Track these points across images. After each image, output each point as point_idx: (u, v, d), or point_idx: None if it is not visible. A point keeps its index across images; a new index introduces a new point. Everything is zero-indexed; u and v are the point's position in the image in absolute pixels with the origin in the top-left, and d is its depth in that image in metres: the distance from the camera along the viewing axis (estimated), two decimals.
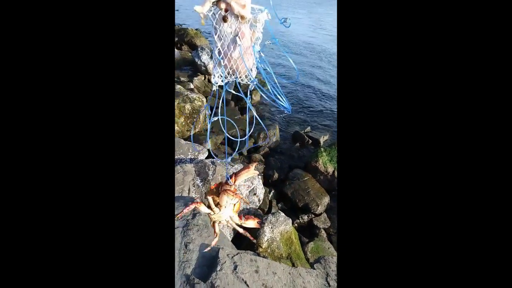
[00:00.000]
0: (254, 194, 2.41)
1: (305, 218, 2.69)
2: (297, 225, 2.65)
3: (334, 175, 2.98)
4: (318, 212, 2.72)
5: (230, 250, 1.37)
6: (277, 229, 2.11)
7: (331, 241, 2.46)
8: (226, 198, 1.03)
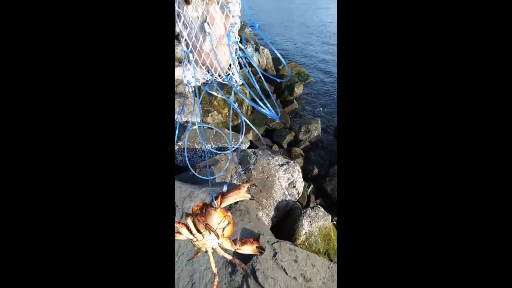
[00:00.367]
0: (294, 187, 2.41)
1: None
2: (335, 222, 2.58)
3: None
4: None
5: (270, 237, 1.41)
6: (315, 223, 2.09)
7: None
8: (216, 219, 0.82)
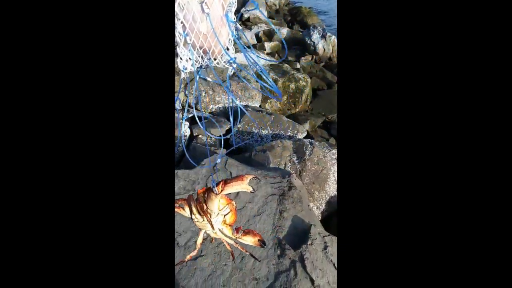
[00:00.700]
0: None
1: None
2: None
3: None
4: None
5: (321, 230, 1.38)
6: None
7: None
8: (216, 205, 0.82)
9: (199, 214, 0.83)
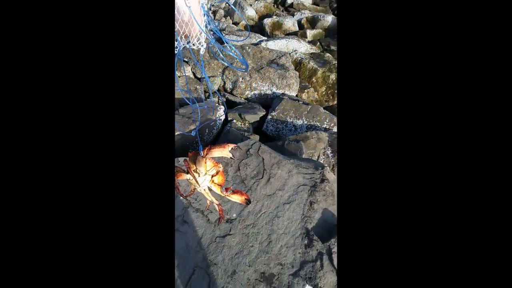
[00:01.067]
0: None
1: None
2: None
3: None
4: None
5: None
6: None
7: None
8: (200, 168, 0.96)
9: (194, 173, 0.97)
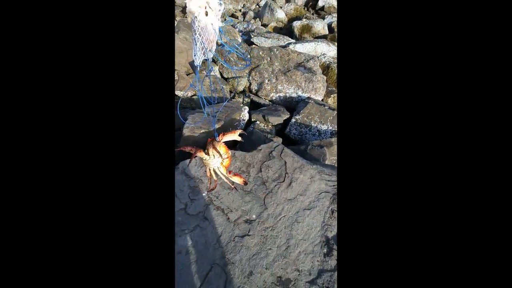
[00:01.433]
0: None
1: None
2: None
3: None
4: None
5: None
6: None
7: None
8: (212, 151, 1.22)
9: (207, 155, 1.24)
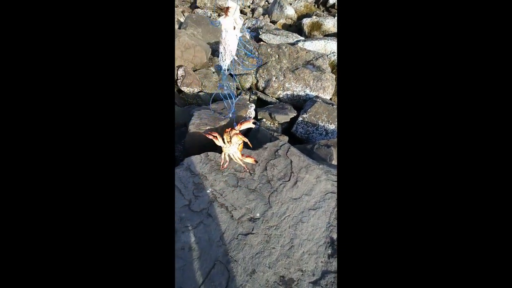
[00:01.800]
0: None
1: None
2: None
3: None
4: None
5: None
6: None
7: None
8: (236, 139, 1.43)
9: (226, 142, 1.46)
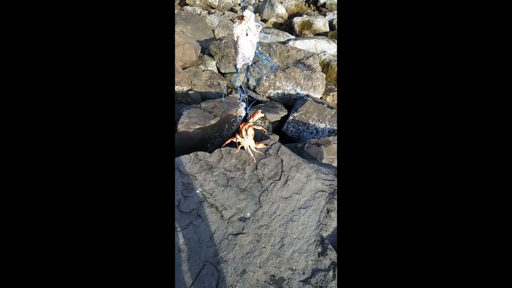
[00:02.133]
0: None
1: None
2: None
3: None
4: None
5: None
6: None
7: None
8: (251, 131, 1.51)
9: (241, 137, 1.54)
